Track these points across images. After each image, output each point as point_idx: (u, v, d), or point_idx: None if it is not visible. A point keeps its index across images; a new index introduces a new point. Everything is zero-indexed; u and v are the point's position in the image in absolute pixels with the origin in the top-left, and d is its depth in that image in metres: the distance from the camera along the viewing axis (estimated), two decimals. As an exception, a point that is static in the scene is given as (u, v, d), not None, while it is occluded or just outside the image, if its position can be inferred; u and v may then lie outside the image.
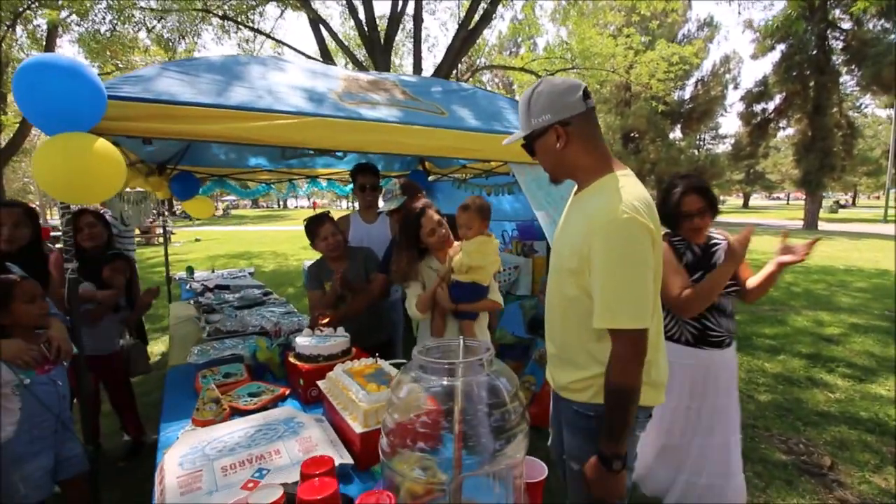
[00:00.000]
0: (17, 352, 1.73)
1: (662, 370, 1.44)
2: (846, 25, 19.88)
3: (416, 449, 0.84)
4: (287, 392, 1.93)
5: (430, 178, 5.18)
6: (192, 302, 3.65)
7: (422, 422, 0.85)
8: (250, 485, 1.17)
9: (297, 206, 58.54)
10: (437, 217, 2.31)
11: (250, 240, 19.06)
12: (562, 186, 1.52)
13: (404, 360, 1.08)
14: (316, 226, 2.61)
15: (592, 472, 1.29)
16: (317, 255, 2.80)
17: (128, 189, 4.14)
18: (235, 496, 1.09)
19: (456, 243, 2.36)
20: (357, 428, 1.36)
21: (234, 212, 44.74)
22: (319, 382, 1.71)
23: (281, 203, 56.06)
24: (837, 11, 19.41)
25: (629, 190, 1.25)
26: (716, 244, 2.10)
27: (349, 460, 1.32)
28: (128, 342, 2.94)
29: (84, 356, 2.69)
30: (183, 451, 1.35)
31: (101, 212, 3.61)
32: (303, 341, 1.99)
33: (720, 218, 2.28)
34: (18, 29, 11.51)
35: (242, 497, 1.02)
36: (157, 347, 5.06)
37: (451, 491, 0.82)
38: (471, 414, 0.83)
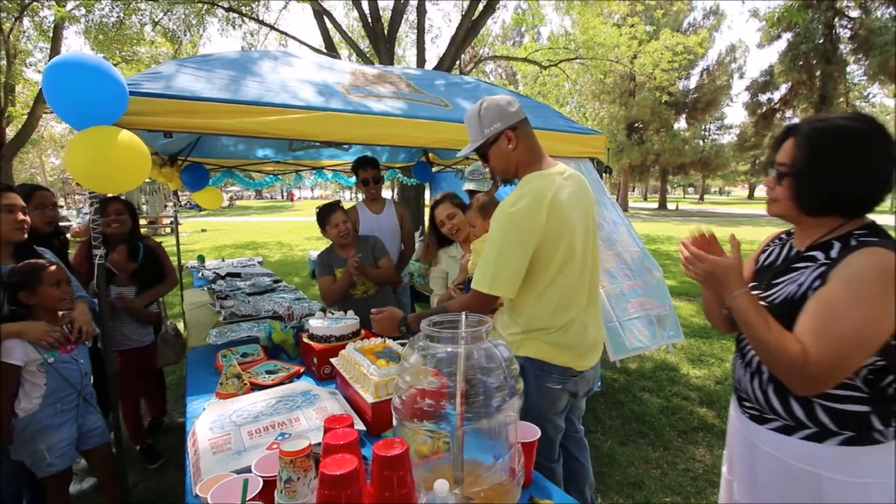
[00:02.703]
0: (41, 334, 1.88)
1: (577, 338, 1.68)
2: (854, 14, 19.66)
3: (425, 406, 0.97)
4: (301, 370, 2.07)
5: (434, 169, 5.29)
6: (205, 289, 3.79)
7: (430, 382, 0.98)
8: (275, 446, 1.31)
9: (300, 198, 58.74)
10: (448, 210, 2.45)
11: (255, 230, 19.24)
12: None
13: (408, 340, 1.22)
14: (327, 214, 2.74)
15: (390, 317, 1.79)
16: (320, 246, 2.94)
17: (147, 180, 4.27)
18: (262, 455, 1.23)
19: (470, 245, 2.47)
20: (369, 399, 1.50)
21: (238, 202, 44.96)
22: (332, 360, 1.85)
23: (285, 194, 56.26)
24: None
25: (525, 188, 1.58)
26: (813, 255, 1.15)
27: (362, 427, 1.46)
28: (171, 332, 3.03)
29: (120, 349, 2.81)
30: (212, 419, 1.49)
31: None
32: (316, 323, 2.13)
33: (720, 208, 1.80)
34: (26, 21, 11.60)
35: (272, 451, 1.16)
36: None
37: (455, 442, 0.95)
38: (472, 375, 0.96)
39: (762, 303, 1.18)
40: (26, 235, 2.06)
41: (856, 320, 0.99)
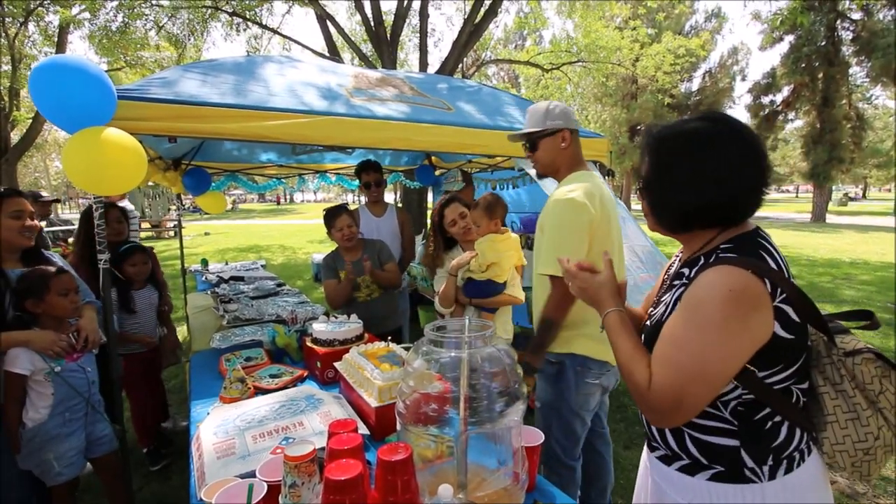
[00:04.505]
0: (48, 343, 1.88)
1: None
2: (856, 16, 19.63)
3: (429, 411, 0.97)
4: (305, 374, 2.07)
5: (437, 172, 5.30)
6: (208, 292, 3.80)
7: (433, 387, 0.98)
8: (279, 450, 1.31)
9: (303, 200, 58.90)
10: (459, 210, 2.46)
11: (258, 234, 19.28)
12: None
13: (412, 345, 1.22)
14: (333, 217, 2.76)
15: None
16: (323, 249, 2.96)
17: (150, 183, 4.30)
18: (267, 459, 1.23)
19: (473, 247, 2.47)
20: (373, 403, 1.50)
21: (241, 206, 45.11)
22: (336, 364, 1.85)
23: (287, 197, 56.50)
24: (847, 1, 19.17)
25: (578, 183, 1.74)
26: (683, 271, 1.06)
27: (366, 431, 1.46)
28: (162, 332, 3.08)
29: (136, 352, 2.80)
30: (216, 423, 1.49)
31: (121, 205, 3.73)
32: (319, 327, 2.13)
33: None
34: (31, 26, 11.69)
35: (277, 455, 1.16)
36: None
37: (458, 446, 0.96)
38: (475, 380, 0.97)
39: (647, 322, 1.12)
40: (33, 242, 2.06)
41: (696, 348, 0.89)
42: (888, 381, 0.92)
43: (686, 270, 1.03)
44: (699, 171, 0.95)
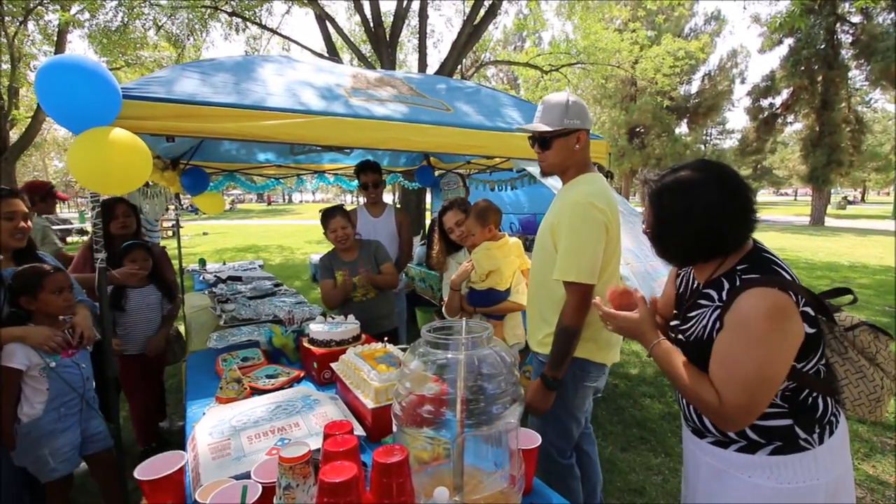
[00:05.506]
0: (43, 339, 1.88)
1: (613, 335, 1.75)
2: (855, 19, 19.69)
3: (424, 413, 0.97)
4: (302, 374, 2.06)
5: (436, 173, 5.29)
6: (206, 292, 3.79)
7: (430, 389, 0.97)
8: (274, 451, 1.30)
9: (301, 201, 58.88)
10: (456, 217, 2.47)
11: (256, 234, 19.27)
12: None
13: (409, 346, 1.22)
14: (328, 218, 2.75)
15: (534, 388, 1.73)
16: (321, 250, 2.96)
17: (148, 182, 4.28)
18: (262, 460, 1.22)
19: (467, 262, 2.46)
20: (369, 404, 1.49)
21: (239, 206, 45.07)
22: (332, 364, 1.84)
23: (286, 197, 56.46)
24: (846, 5, 19.23)
25: (594, 186, 1.71)
26: (709, 292, 1.18)
27: (362, 433, 1.45)
28: (173, 332, 3.04)
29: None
30: (212, 423, 1.48)
31: None
32: (316, 327, 2.12)
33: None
34: (30, 25, 11.67)
35: (272, 457, 1.15)
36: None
37: (455, 448, 0.95)
38: (472, 382, 0.96)
39: (680, 336, 1.26)
40: (25, 243, 2.05)
41: (754, 363, 1.05)
42: (880, 342, 1.17)
43: (712, 293, 1.17)
44: (688, 212, 1.13)
